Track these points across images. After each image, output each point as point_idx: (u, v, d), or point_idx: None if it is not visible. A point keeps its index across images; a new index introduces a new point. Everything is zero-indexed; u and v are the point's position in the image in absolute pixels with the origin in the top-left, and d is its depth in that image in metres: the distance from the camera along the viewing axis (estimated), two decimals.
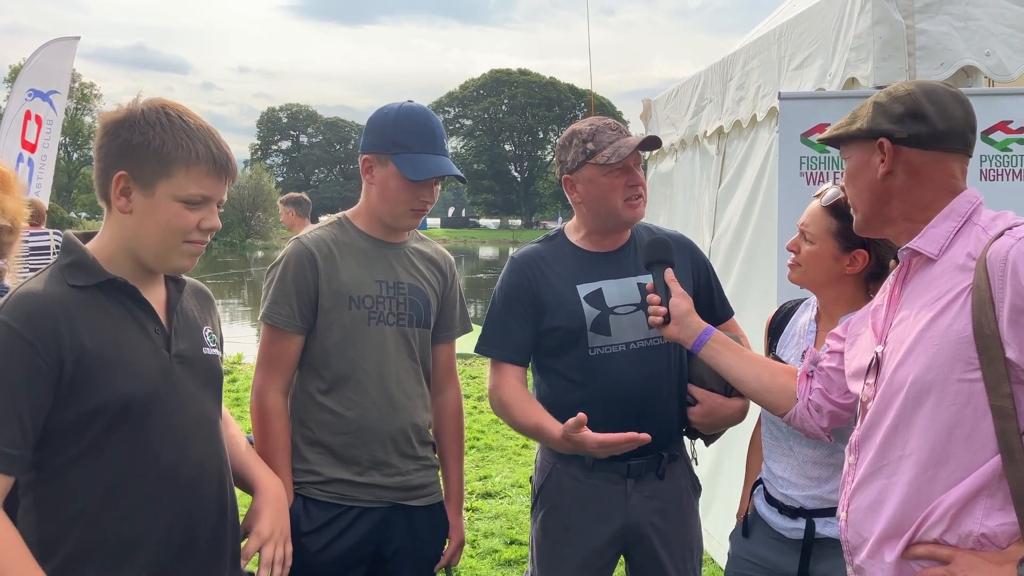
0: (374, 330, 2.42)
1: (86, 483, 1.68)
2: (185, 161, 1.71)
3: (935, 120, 1.68)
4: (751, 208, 4.20)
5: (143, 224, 1.73)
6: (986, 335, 1.52)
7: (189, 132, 1.72)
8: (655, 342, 2.47)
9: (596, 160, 2.41)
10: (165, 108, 1.73)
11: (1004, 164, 3.22)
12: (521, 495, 5.87)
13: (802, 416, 2.11)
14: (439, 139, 2.45)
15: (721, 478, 4.26)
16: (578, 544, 2.50)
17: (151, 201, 1.71)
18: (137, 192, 1.71)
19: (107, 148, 1.73)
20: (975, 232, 1.64)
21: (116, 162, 1.71)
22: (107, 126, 1.73)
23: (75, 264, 1.72)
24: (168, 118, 1.72)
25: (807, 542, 2.21)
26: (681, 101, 5.40)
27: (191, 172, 1.72)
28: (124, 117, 1.72)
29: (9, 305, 1.63)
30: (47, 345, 1.61)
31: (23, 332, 1.60)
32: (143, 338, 1.75)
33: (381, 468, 2.42)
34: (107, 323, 1.70)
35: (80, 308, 1.68)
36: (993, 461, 1.54)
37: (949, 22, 3.27)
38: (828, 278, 2.21)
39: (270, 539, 1.93)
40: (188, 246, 1.76)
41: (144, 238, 1.74)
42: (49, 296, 1.66)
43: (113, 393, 1.67)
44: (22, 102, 10.39)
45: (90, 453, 1.67)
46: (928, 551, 1.59)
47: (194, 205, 1.73)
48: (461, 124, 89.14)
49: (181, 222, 1.73)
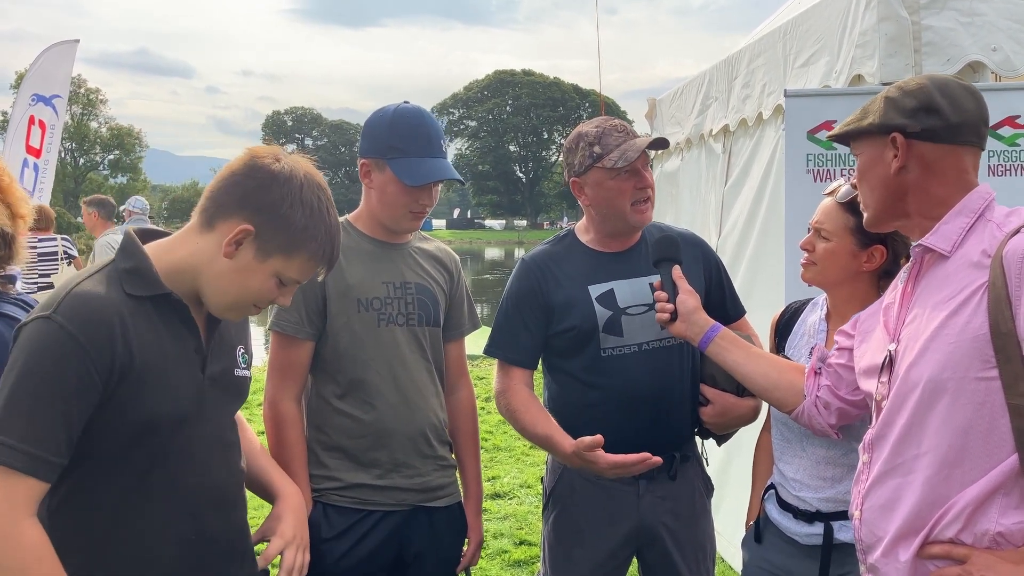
0: (385, 331, 2.42)
1: (101, 496, 1.66)
2: (309, 253, 1.72)
3: (948, 113, 1.66)
4: (757, 206, 4.19)
5: (234, 277, 1.71)
6: (1003, 333, 1.51)
7: (328, 229, 1.73)
8: (667, 342, 2.46)
9: (603, 164, 2.39)
10: (319, 194, 1.73)
11: (1012, 159, 3.21)
12: (530, 495, 5.86)
13: (810, 413, 2.10)
14: (436, 141, 2.42)
15: (730, 478, 4.25)
16: (591, 545, 2.49)
17: (258, 265, 1.70)
18: (249, 249, 1.69)
19: (246, 192, 1.69)
20: (989, 229, 1.62)
21: (249, 213, 1.68)
22: (258, 171, 1.70)
23: (134, 272, 1.69)
24: (319, 204, 1.72)
25: (826, 548, 2.18)
26: (686, 100, 5.40)
27: (308, 262, 1.74)
28: (281, 176, 1.69)
29: (66, 306, 1.59)
30: (101, 354, 1.58)
31: (79, 337, 1.56)
32: (184, 358, 1.73)
33: (401, 470, 2.41)
34: (154, 338, 1.68)
35: (133, 319, 1.64)
36: (1010, 460, 1.52)
37: (955, 17, 3.26)
38: (844, 276, 2.20)
39: (292, 542, 1.93)
40: (254, 309, 1.78)
41: (222, 286, 1.72)
42: (108, 302, 1.62)
43: (144, 410, 1.65)
44: (26, 107, 10.42)
45: (108, 466, 1.66)
46: (944, 550, 1.58)
47: (285, 286, 1.75)
48: (466, 125, 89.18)
49: (266, 295, 1.74)
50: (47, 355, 1.56)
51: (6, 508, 1.51)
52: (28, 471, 1.52)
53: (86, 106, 65.03)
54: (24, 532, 1.52)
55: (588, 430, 2.43)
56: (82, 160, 66.47)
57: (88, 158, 67.22)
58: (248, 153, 1.74)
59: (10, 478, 1.52)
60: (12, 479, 1.52)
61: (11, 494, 1.52)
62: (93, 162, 67.69)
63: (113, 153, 67.78)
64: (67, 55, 10.82)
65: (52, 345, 1.56)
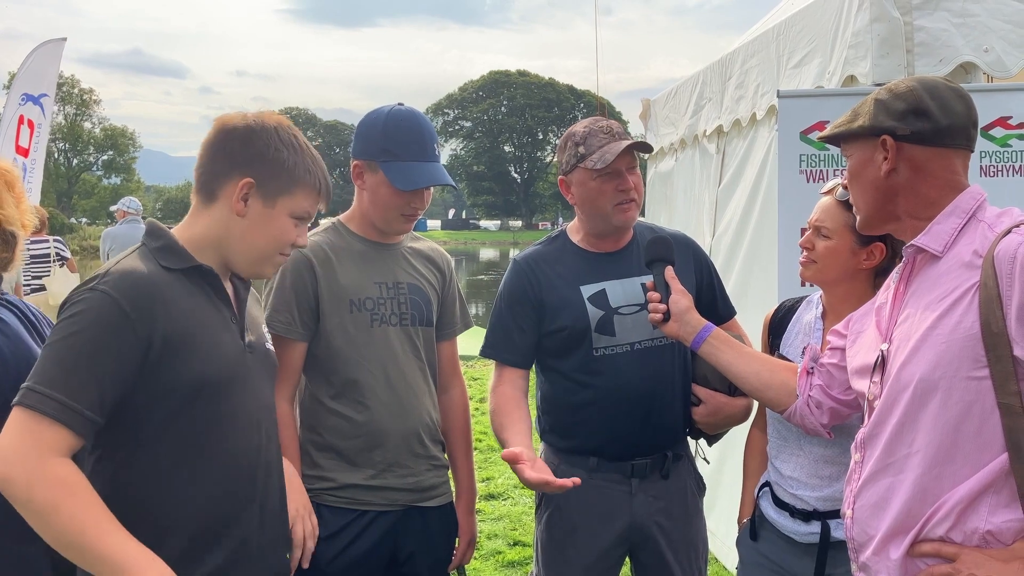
0: (378, 331, 2.42)
1: (152, 462, 1.71)
2: (304, 183, 1.86)
3: (937, 116, 1.67)
4: (751, 207, 4.20)
5: (252, 230, 1.83)
6: (994, 333, 1.52)
7: (314, 159, 1.89)
8: (659, 342, 2.47)
9: (585, 164, 2.41)
10: (295, 134, 1.89)
11: (1004, 160, 3.21)
12: (524, 496, 5.86)
13: (802, 412, 2.10)
14: (429, 144, 2.43)
15: (724, 477, 4.25)
16: (583, 545, 2.49)
17: (270, 211, 1.84)
18: (256, 200, 1.82)
19: (232, 152, 1.82)
20: (981, 229, 1.63)
21: (244, 168, 1.81)
22: (234, 131, 1.83)
23: (166, 248, 1.80)
24: (298, 141, 1.87)
25: (823, 545, 2.19)
26: (680, 100, 5.40)
27: (308, 194, 1.88)
28: (257, 128, 1.83)
29: (111, 279, 1.68)
30: (143, 321, 1.66)
31: (123, 304, 1.65)
32: (223, 325, 1.83)
33: (394, 470, 2.41)
34: (194, 306, 1.77)
35: (171, 290, 1.74)
36: (1000, 459, 1.53)
37: (947, 18, 3.27)
38: (844, 273, 2.21)
39: (297, 517, 2.08)
40: (280, 257, 1.90)
41: (247, 243, 1.84)
42: (149, 274, 1.72)
43: (192, 373, 1.72)
44: (16, 108, 10.38)
45: (160, 432, 1.71)
46: (934, 548, 1.59)
47: (300, 221, 1.88)
48: (461, 126, 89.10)
49: (288, 236, 1.87)
50: (92, 318, 1.63)
51: (32, 449, 1.54)
52: (58, 418, 1.56)
53: (79, 106, 64.91)
54: (51, 469, 1.54)
55: (581, 430, 2.43)
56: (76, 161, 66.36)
57: (82, 159, 67.11)
58: (217, 122, 1.88)
59: (40, 423, 1.56)
60: (41, 424, 1.56)
61: (38, 439, 1.55)
62: (87, 163, 67.59)
63: (107, 154, 67.68)
64: (55, 53, 10.78)
65: (98, 310, 1.64)
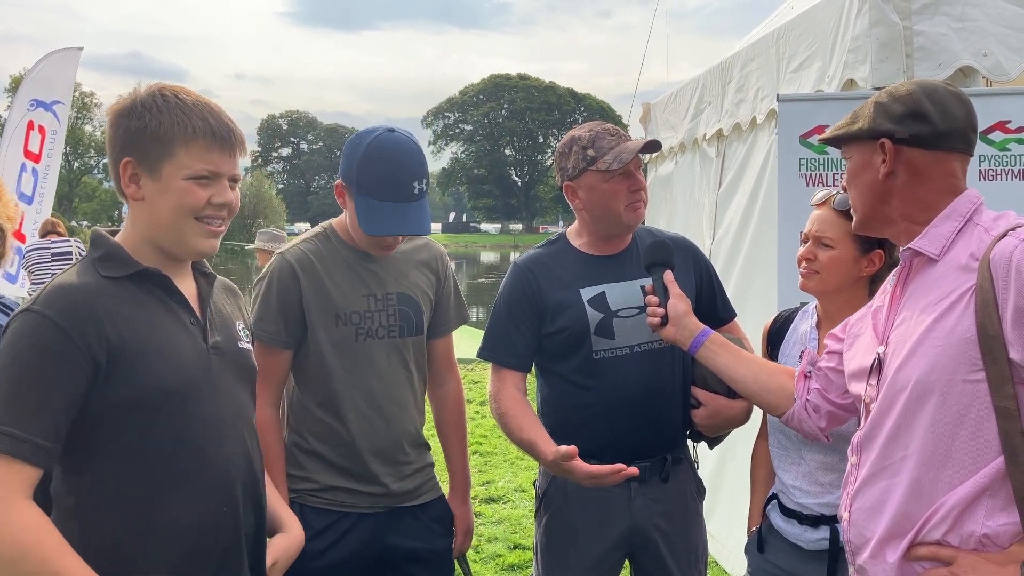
0: (362, 346, 2.41)
1: (127, 481, 1.66)
2: (183, 138, 1.69)
3: (936, 120, 1.68)
4: (751, 210, 4.20)
5: (156, 207, 1.71)
6: (990, 336, 1.52)
7: (185, 109, 1.70)
8: (659, 345, 2.47)
9: (597, 167, 2.40)
10: (162, 90, 1.73)
11: (1003, 164, 3.22)
12: (524, 499, 5.86)
13: (800, 416, 2.10)
14: (406, 183, 2.29)
15: (724, 481, 4.25)
16: (583, 548, 2.49)
17: (160, 184, 1.70)
18: (145, 177, 1.71)
19: (113, 139, 1.73)
20: (977, 232, 1.64)
21: (121, 151, 1.72)
22: (111, 118, 1.74)
23: (107, 256, 1.72)
24: (164, 99, 1.71)
25: (833, 551, 2.18)
26: (680, 104, 5.41)
27: (191, 148, 1.70)
28: (126, 106, 1.73)
29: (44, 297, 1.62)
30: (83, 335, 1.59)
31: (58, 321, 1.58)
32: (180, 329, 1.74)
33: (375, 479, 2.42)
34: (143, 314, 1.69)
35: (115, 299, 1.66)
36: (996, 462, 1.53)
37: (946, 23, 3.27)
38: (846, 282, 2.21)
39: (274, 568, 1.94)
40: (202, 225, 1.74)
41: (159, 221, 1.72)
42: (84, 286, 1.65)
43: (152, 383, 1.65)
44: (24, 112, 10.42)
45: (129, 449, 1.65)
46: (930, 552, 1.59)
47: (203, 181, 1.71)
48: (461, 129, 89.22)
49: (190, 199, 1.70)
50: (30, 343, 1.57)
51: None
52: (13, 453, 1.52)
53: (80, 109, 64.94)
54: (18, 515, 1.51)
55: (580, 432, 2.43)
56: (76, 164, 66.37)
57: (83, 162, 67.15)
58: None
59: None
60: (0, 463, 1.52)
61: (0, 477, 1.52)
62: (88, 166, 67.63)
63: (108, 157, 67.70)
64: (70, 61, 10.85)
65: (34, 333, 1.58)
